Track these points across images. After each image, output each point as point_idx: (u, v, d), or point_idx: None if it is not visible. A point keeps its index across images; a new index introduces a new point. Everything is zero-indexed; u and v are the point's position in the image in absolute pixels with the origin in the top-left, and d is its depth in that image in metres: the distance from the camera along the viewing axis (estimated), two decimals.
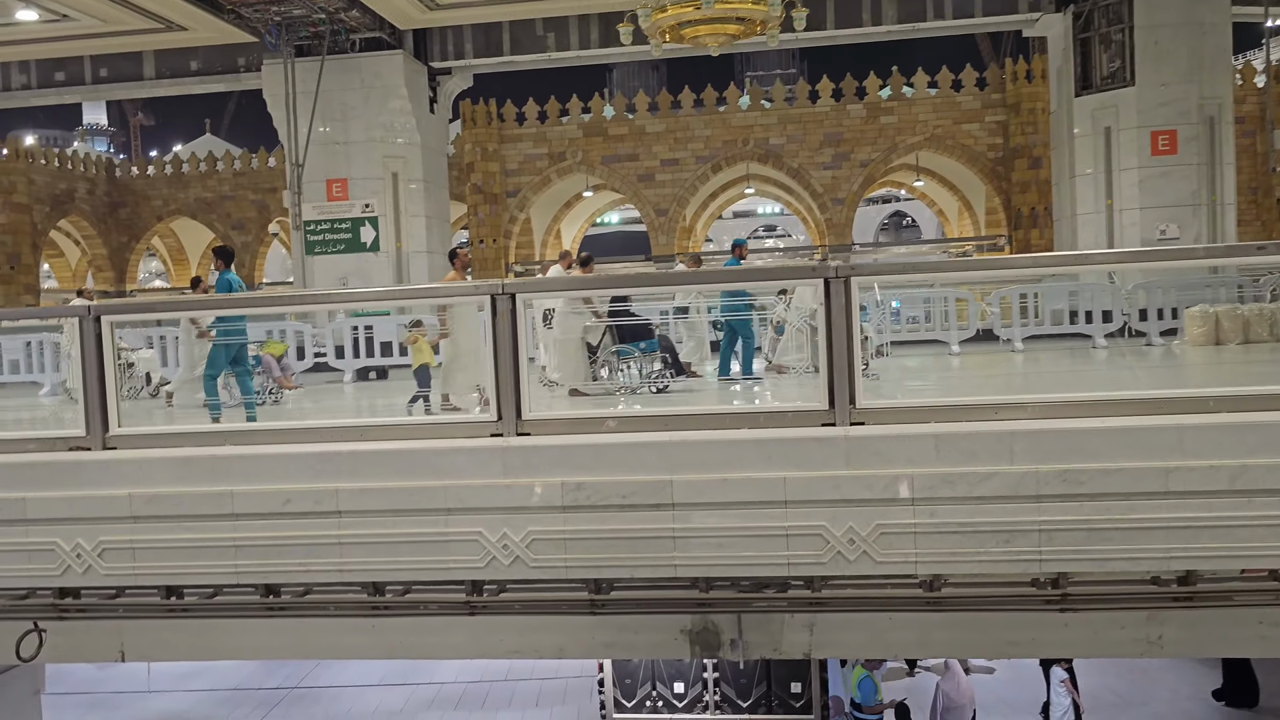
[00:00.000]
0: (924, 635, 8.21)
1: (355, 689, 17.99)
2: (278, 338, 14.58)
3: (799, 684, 11.49)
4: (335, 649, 8.86)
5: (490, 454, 6.79)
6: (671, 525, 6.61)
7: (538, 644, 8.54)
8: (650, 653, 8.52)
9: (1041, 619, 7.95)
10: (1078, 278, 17.66)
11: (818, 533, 6.50)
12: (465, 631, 8.58)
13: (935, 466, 6.42)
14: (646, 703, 11.87)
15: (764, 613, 7.21)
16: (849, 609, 6.90)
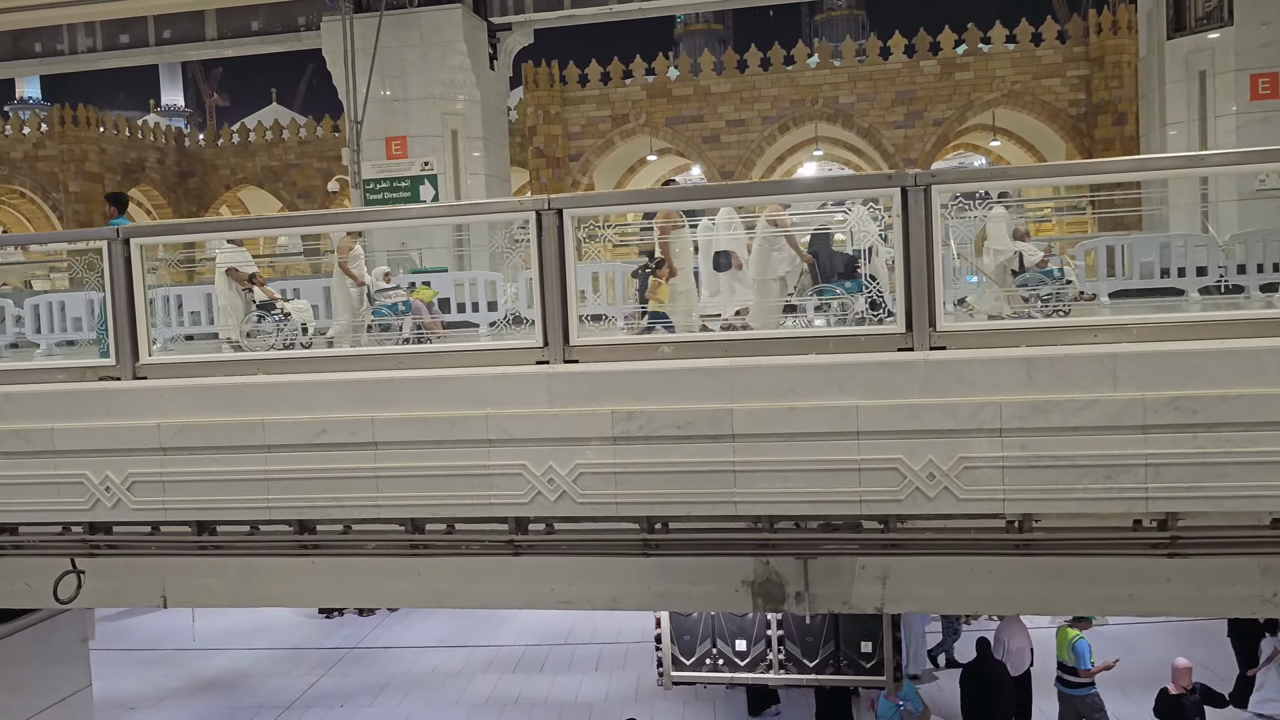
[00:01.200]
0: (1006, 589, 7.55)
1: (414, 650, 17.80)
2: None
3: (869, 643, 10.83)
4: (378, 595, 8.49)
5: (535, 381, 6.28)
6: (731, 459, 6.04)
7: (589, 594, 8.06)
8: (709, 605, 7.98)
9: (1139, 571, 7.24)
10: (1168, 228, 16.60)
11: (893, 466, 5.88)
12: (512, 579, 8.13)
13: (1026, 394, 5.76)
14: (706, 660, 11.32)
15: (833, 555, 6.61)
16: (927, 551, 6.27)
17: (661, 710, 14.80)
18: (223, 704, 15.75)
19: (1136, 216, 18.88)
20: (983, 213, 6.52)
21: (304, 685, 16.35)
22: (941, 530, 6.21)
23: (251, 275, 9.92)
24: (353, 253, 10.43)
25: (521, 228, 6.54)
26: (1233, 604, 7.29)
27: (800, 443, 5.96)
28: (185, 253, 15.98)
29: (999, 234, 9.95)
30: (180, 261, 17.14)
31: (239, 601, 8.71)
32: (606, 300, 8.61)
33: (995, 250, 9.88)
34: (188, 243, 11.77)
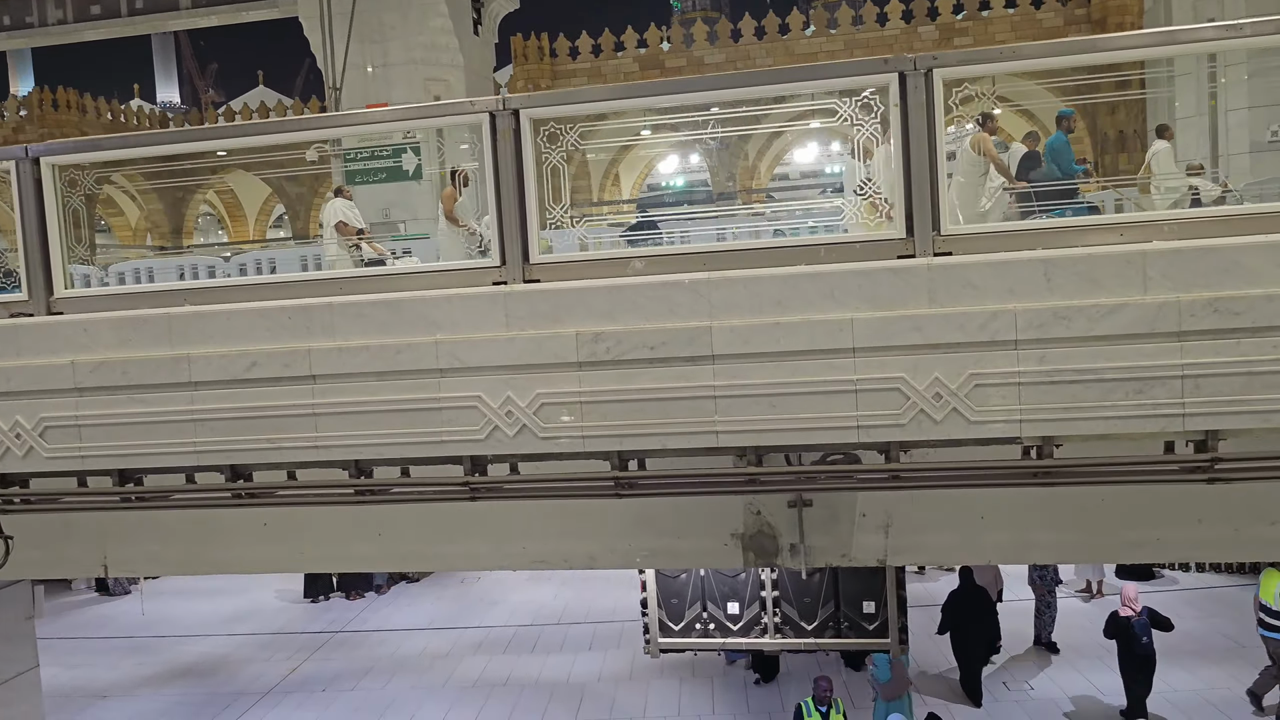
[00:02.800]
0: (1022, 536, 6.89)
1: (400, 633, 17.15)
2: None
3: (872, 603, 10.10)
4: (338, 559, 7.82)
5: (490, 302, 5.58)
6: (712, 383, 5.34)
7: (565, 552, 7.40)
8: (696, 561, 7.32)
9: (1168, 512, 6.57)
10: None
11: (895, 386, 5.18)
12: (482, 539, 7.47)
13: (1045, 299, 5.05)
14: (696, 625, 10.60)
15: (829, 491, 5.92)
16: (933, 484, 5.56)
17: (657, 689, 14.15)
18: (200, 690, 15.10)
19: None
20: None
21: (285, 670, 15.70)
22: (949, 463, 5.51)
23: (360, 230, 9.65)
24: (458, 204, 10.21)
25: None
26: (1274, 545, 6.61)
27: (789, 363, 5.26)
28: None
29: (1167, 165, 9.38)
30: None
31: (188, 569, 8.05)
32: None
33: (1167, 188, 9.29)
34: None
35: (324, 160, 25.83)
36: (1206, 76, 18.40)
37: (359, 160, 20.57)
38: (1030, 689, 13.29)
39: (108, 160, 6.57)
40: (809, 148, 38.02)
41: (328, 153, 23.63)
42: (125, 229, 40.08)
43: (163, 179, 36.77)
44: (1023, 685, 13.42)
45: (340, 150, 20.27)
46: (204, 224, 44.78)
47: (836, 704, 9.50)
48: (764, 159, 35.16)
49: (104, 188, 35.53)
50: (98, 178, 6.54)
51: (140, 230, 39.09)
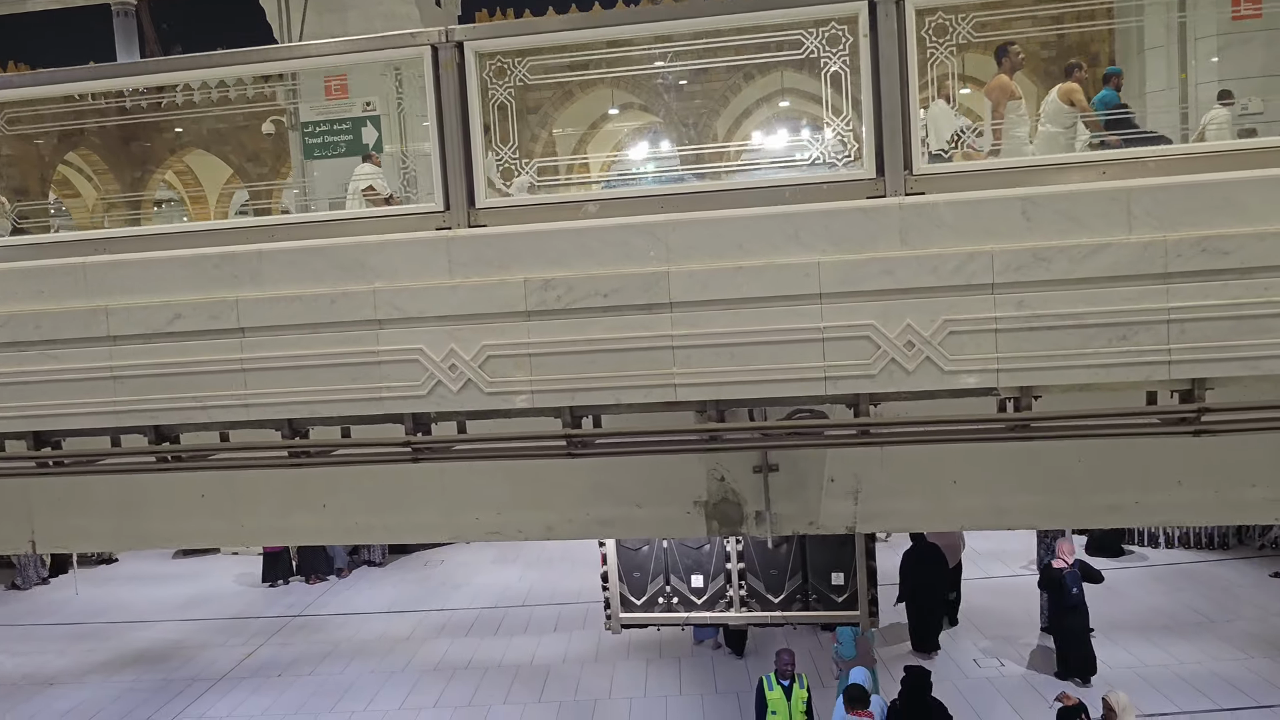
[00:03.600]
0: (997, 501, 6.60)
1: (360, 616, 16.75)
2: None
3: (840, 575, 9.79)
4: (282, 532, 7.42)
5: (432, 248, 5.20)
6: (669, 332, 4.99)
7: (520, 523, 7.03)
8: (657, 530, 6.99)
9: (1148, 474, 6.31)
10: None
11: (864, 334, 4.85)
12: (433, 509, 7.10)
13: (1024, 240, 4.74)
14: (659, 600, 10.26)
15: (794, 448, 5.59)
16: (905, 439, 5.24)
17: (623, 669, 13.85)
18: (152, 677, 14.62)
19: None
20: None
21: (240, 655, 15.25)
22: (922, 417, 5.19)
23: (389, 196, 9.26)
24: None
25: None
26: (1255, 508, 6.36)
27: (751, 310, 4.92)
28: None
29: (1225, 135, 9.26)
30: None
31: (121, 543, 7.63)
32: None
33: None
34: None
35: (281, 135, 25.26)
36: (1177, 53, 18.24)
37: (318, 135, 20.00)
38: (1001, 665, 13.11)
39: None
40: (780, 133, 37.67)
41: (285, 126, 23.06)
42: (82, 210, 39.16)
43: (120, 157, 35.94)
44: (993, 661, 13.23)
45: (298, 124, 19.71)
46: (167, 210, 43.87)
47: (800, 678, 9.22)
48: (734, 138, 34.79)
49: (61, 169, 34.63)
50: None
51: (97, 211, 38.21)
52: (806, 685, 9.25)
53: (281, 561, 18.78)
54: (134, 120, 29.36)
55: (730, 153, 33.27)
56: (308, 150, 20.19)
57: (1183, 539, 17.45)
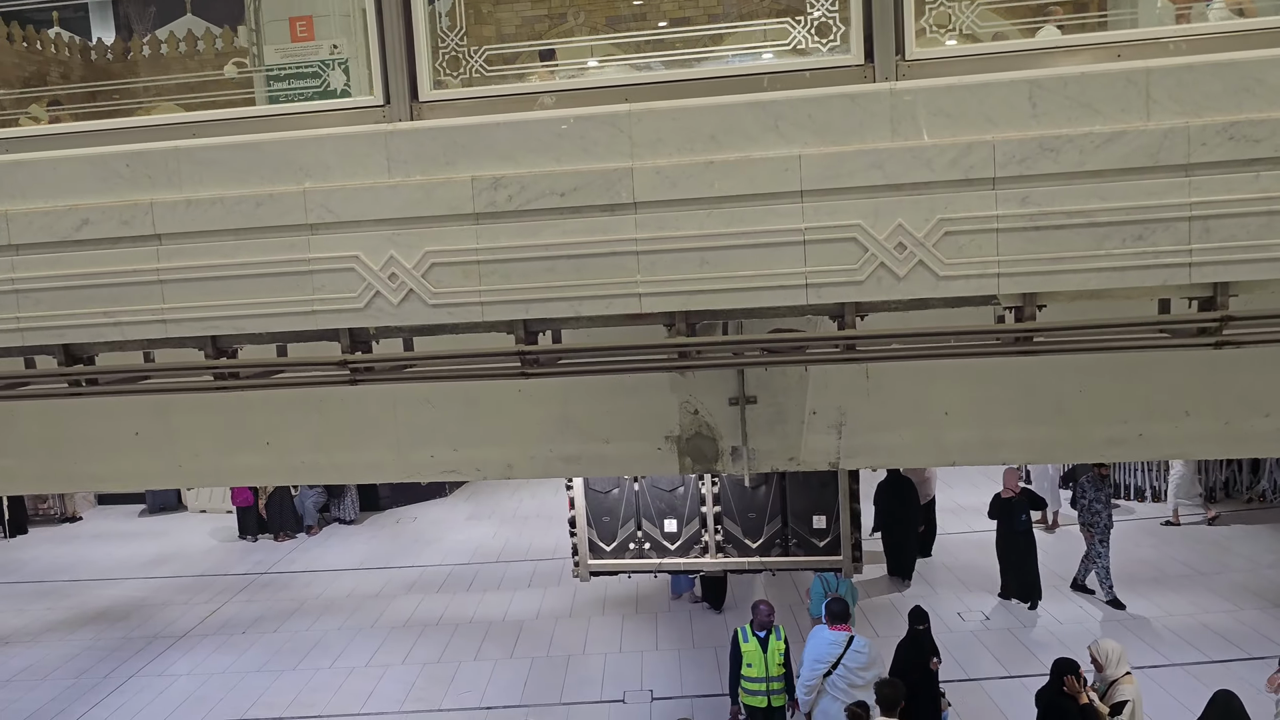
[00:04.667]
0: (991, 433, 6.15)
1: (329, 573, 16.28)
2: None
3: (822, 518, 9.33)
4: (223, 473, 6.90)
5: (369, 143, 4.65)
6: (633, 235, 4.47)
7: (478, 460, 6.55)
8: (627, 468, 6.53)
9: (1151, 404, 5.87)
10: None
11: (850, 236, 4.34)
12: (385, 447, 6.60)
13: (1030, 128, 4.23)
14: (630, 545, 9.76)
15: (770, 363, 5.08)
16: (896, 353, 4.75)
17: (598, 625, 13.45)
18: (111, 635, 14.12)
19: None
20: None
21: (204, 613, 14.77)
22: (914, 329, 4.70)
23: None
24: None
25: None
26: (1266, 440, 5.93)
27: (724, 210, 4.40)
28: None
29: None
30: None
31: (48, 484, 7.11)
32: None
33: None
34: None
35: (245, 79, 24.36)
36: None
37: (283, 78, 19.27)
38: (985, 618, 12.78)
39: None
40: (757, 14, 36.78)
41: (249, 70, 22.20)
42: None
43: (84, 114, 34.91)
44: (977, 614, 12.91)
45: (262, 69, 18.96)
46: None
47: (777, 630, 8.76)
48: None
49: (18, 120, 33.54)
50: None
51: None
52: (784, 637, 8.80)
53: (252, 515, 18.31)
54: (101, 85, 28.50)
55: (702, 37, 32.65)
56: (273, 96, 19.44)
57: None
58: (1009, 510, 12.92)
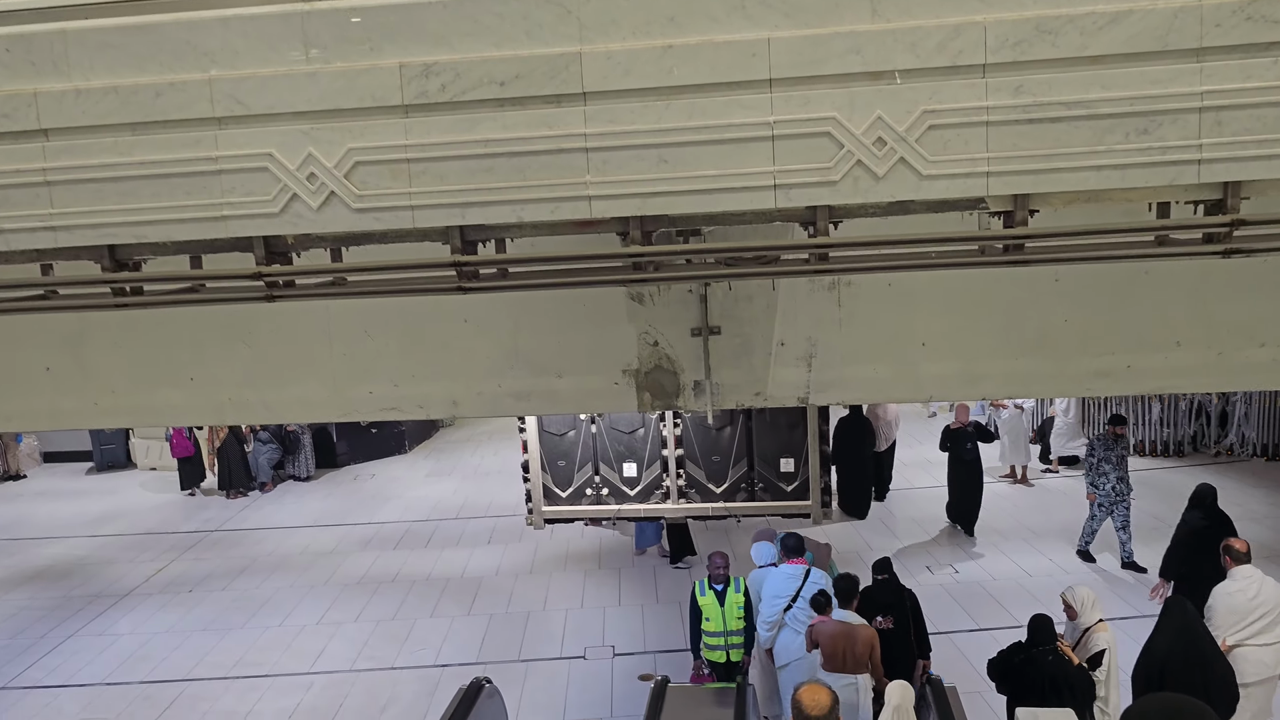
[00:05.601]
0: (971, 366, 5.76)
1: (282, 530, 15.78)
2: None
3: (790, 461, 8.91)
4: (144, 411, 6.36)
5: (283, 24, 4.11)
6: (582, 130, 3.99)
7: (420, 396, 6.07)
8: (582, 404, 6.08)
9: (1141, 334, 5.50)
10: None
11: (824, 130, 3.89)
12: (319, 382, 6.11)
13: (1026, 8, 3.78)
14: (587, 491, 9.30)
15: (736, 276, 4.63)
16: (875, 263, 4.31)
17: (559, 581, 13.03)
18: (51, 594, 13.55)
19: None
20: None
21: (150, 571, 14.23)
22: (894, 236, 4.25)
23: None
24: None
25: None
26: (1261, 371, 5.57)
27: (684, 101, 3.92)
28: None
29: None
30: None
31: None
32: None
33: None
34: None
35: None
36: None
37: None
38: (955, 572, 12.52)
39: None
40: None
41: None
42: None
43: None
44: (946, 568, 12.64)
45: None
46: None
47: (735, 582, 8.33)
48: None
49: None
50: None
51: None
52: (744, 589, 8.37)
53: (195, 467, 17.75)
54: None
55: None
56: None
57: (1138, 447, 17.04)
58: (957, 440, 13.70)
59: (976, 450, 13.81)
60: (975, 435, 13.85)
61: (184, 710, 10.15)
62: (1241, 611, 7.47)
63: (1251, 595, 7.51)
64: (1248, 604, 7.49)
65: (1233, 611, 7.47)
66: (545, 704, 9.82)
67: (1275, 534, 13.22)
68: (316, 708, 10.02)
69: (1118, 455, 12.50)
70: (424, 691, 10.02)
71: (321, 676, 10.73)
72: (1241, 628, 7.47)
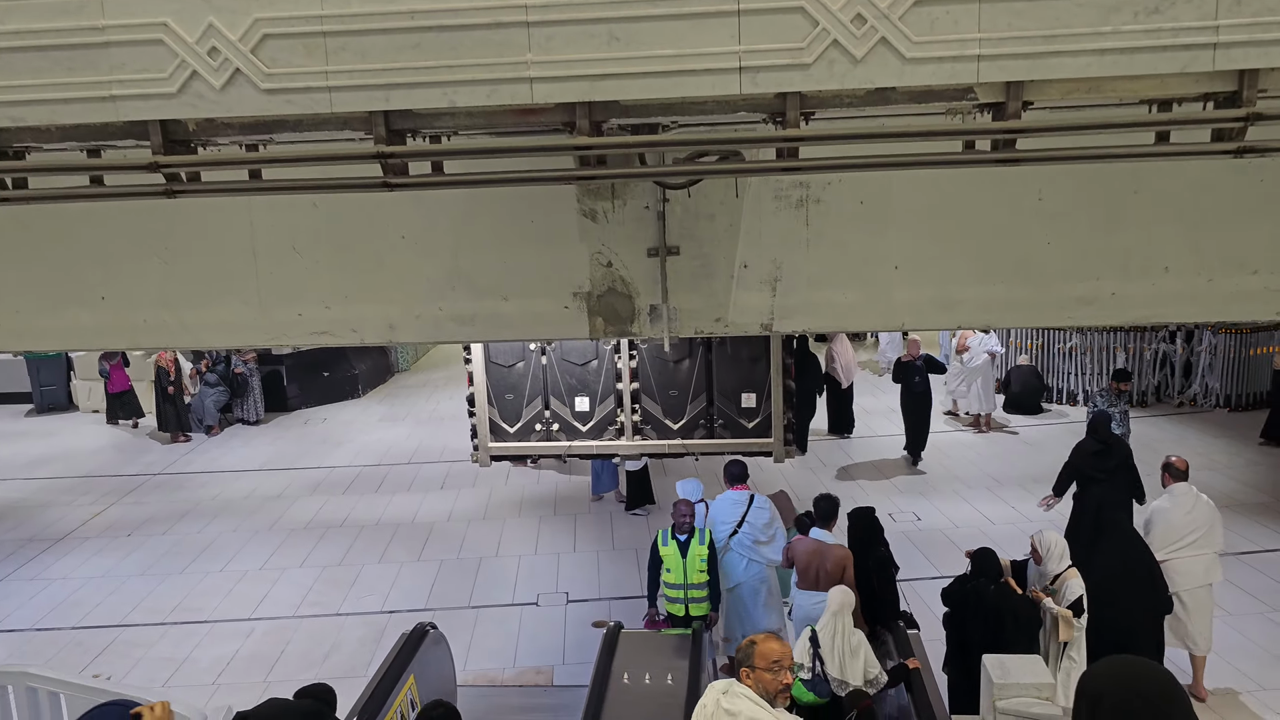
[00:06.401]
0: (946, 291, 5.39)
1: (228, 474, 15.27)
2: None
3: (752, 395, 8.48)
4: (51, 334, 5.84)
5: None
6: (523, 2, 3.50)
7: (353, 319, 5.61)
8: (530, 330, 5.63)
9: (1127, 258, 5.15)
10: None
11: (796, 4, 3.43)
12: (242, 302, 5.62)
13: None
14: (536, 426, 8.82)
15: (693, 173, 4.18)
16: (846, 162, 3.87)
17: (513, 527, 12.69)
18: None
19: None
20: None
21: (87, 515, 13.68)
22: (873, 129, 3.81)
23: None
24: None
25: None
26: (1253, 300, 5.24)
27: None
28: None
29: None
30: None
31: None
32: None
33: None
34: None
35: None
36: None
37: None
38: (917, 519, 12.31)
39: None
40: None
41: None
42: None
43: None
44: (909, 515, 12.43)
45: None
46: None
47: (700, 533, 7.96)
48: None
49: None
50: None
51: None
52: (709, 541, 8.02)
53: (128, 402, 17.23)
54: None
55: None
56: None
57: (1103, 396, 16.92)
58: (907, 372, 14.42)
59: (926, 382, 14.40)
60: (924, 368, 14.42)
61: (116, 657, 9.70)
62: (1178, 527, 7.85)
63: (1187, 510, 7.89)
64: (1184, 519, 7.87)
65: (1170, 527, 7.86)
66: (495, 650, 9.48)
67: (1237, 484, 13.13)
68: (256, 655, 9.61)
69: (1120, 411, 12.18)
70: (369, 638, 9.64)
71: (263, 623, 10.31)
72: (1176, 541, 7.84)
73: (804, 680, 6.51)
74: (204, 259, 5.52)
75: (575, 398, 8.55)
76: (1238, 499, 12.45)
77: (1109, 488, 9.38)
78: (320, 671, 9.21)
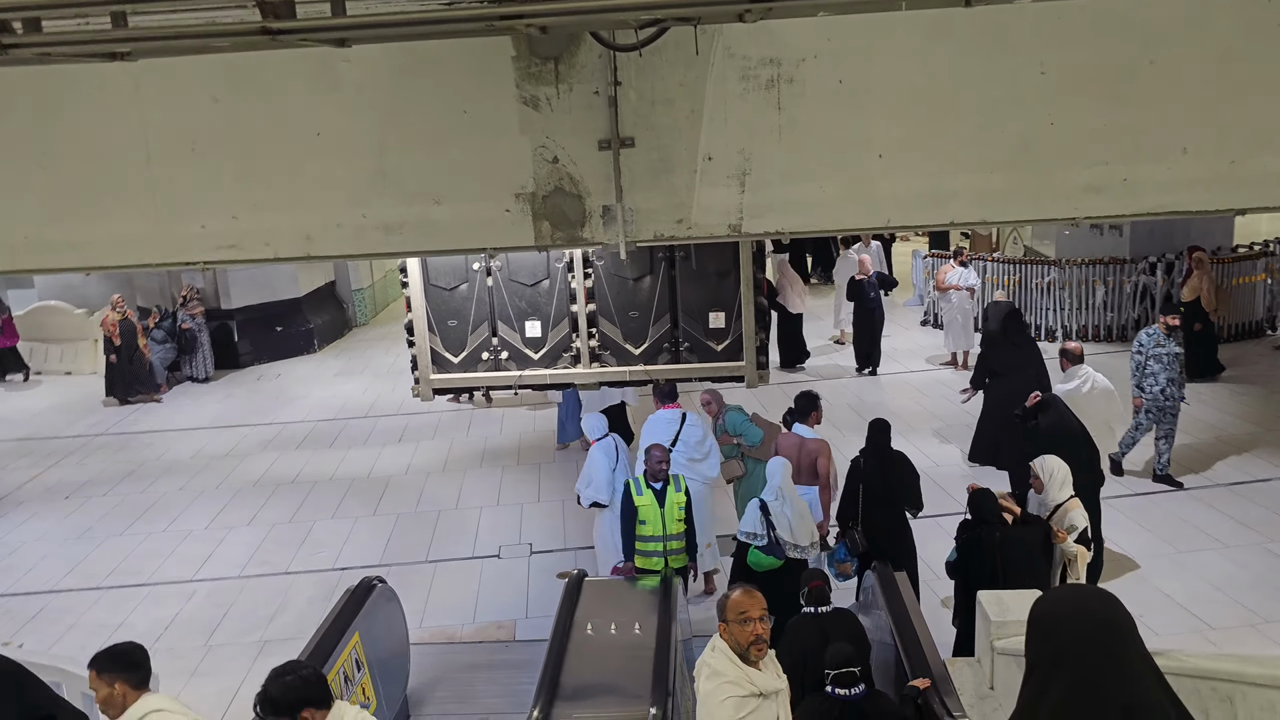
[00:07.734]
0: (935, 184, 4.85)
1: (174, 433, 14.54)
2: None
3: (720, 315, 7.77)
4: None
5: None
6: None
7: (266, 231, 4.96)
8: (466, 238, 4.97)
9: (1140, 140, 4.54)
10: None
11: None
12: (137, 214, 4.92)
13: None
14: (483, 356, 8.07)
15: (656, 8, 3.50)
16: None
17: (474, 479, 12.10)
18: None
19: None
20: None
21: (23, 479, 12.94)
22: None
23: None
24: None
25: None
26: (1278, 185, 4.66)
27: None
28: None
29: None
30: None
31: None
32: None
33: None
34: None
35: None
36: None
37: None
38: None
39: None
40: None
41: None
42: None
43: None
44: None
45: None
46: None
47: (676, 480, 7.35)
48: None
49: None
50: None
51: None
52: (684, 488, 7.41)
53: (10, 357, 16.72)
54: None
55: None
56: None
57: (1080, 332, 16.51)
58: (861, 289, 15.17)
59: (879, 299, 15.34)
60: (877, 285, 15.41)
61: (47, 624, 9.06)
62: (1078, 402, 8.99)
63: (1085, 390, 9.35)
64: (1083, 397, 9.19)
65: (1072, 403, 8.88)
66: (455, 605, 8.92)
67: (1216, 412, 12.75)
68: (197, 617, 9.00)
69: (1170, 354, 10.22)
70: (319, 596, 9.02)
71: (206, 584, 9.69)
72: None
73: (759, 547, 7.06)
74: (90, 165, 4.82)
75: (525, 322, 7.80)
76: (1227, 431, 12.06)
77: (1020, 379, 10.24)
78: (266, 633, 8.66)
